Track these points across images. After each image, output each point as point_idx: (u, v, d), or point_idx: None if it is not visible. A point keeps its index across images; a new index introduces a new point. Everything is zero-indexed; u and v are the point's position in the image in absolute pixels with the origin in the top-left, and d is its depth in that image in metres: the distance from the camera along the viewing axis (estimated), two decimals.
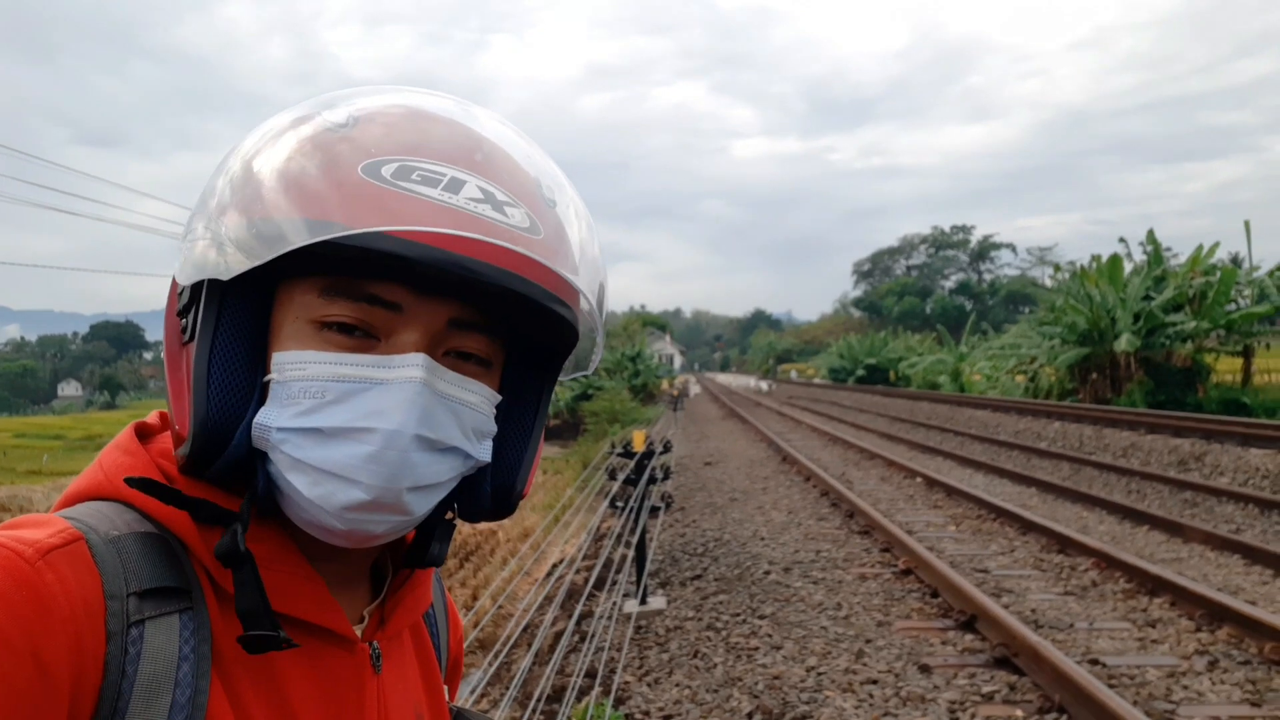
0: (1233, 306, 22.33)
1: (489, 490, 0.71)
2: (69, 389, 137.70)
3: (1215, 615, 5.62)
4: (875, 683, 4.88)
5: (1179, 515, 9.32)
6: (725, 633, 5.84)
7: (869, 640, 5.58)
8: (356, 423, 0.60)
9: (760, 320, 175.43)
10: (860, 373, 53.15)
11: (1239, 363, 22.49)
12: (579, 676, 4.59)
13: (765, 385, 60.50)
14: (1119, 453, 14.10)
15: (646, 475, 7.26)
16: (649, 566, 6.91)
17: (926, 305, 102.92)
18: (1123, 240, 28.13)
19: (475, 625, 7.32)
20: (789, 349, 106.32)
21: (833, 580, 7.07)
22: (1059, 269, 31.52)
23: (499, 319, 0.66)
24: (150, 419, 0.72)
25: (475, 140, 0.66)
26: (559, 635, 6.06)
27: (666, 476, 8.66)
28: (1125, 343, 21.85)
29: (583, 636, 5.87)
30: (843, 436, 19.09)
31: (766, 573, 7.34)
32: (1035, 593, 6.55)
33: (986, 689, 4.71)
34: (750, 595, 6.69)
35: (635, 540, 6.69)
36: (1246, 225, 23.38)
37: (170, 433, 0.67)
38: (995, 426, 19.50)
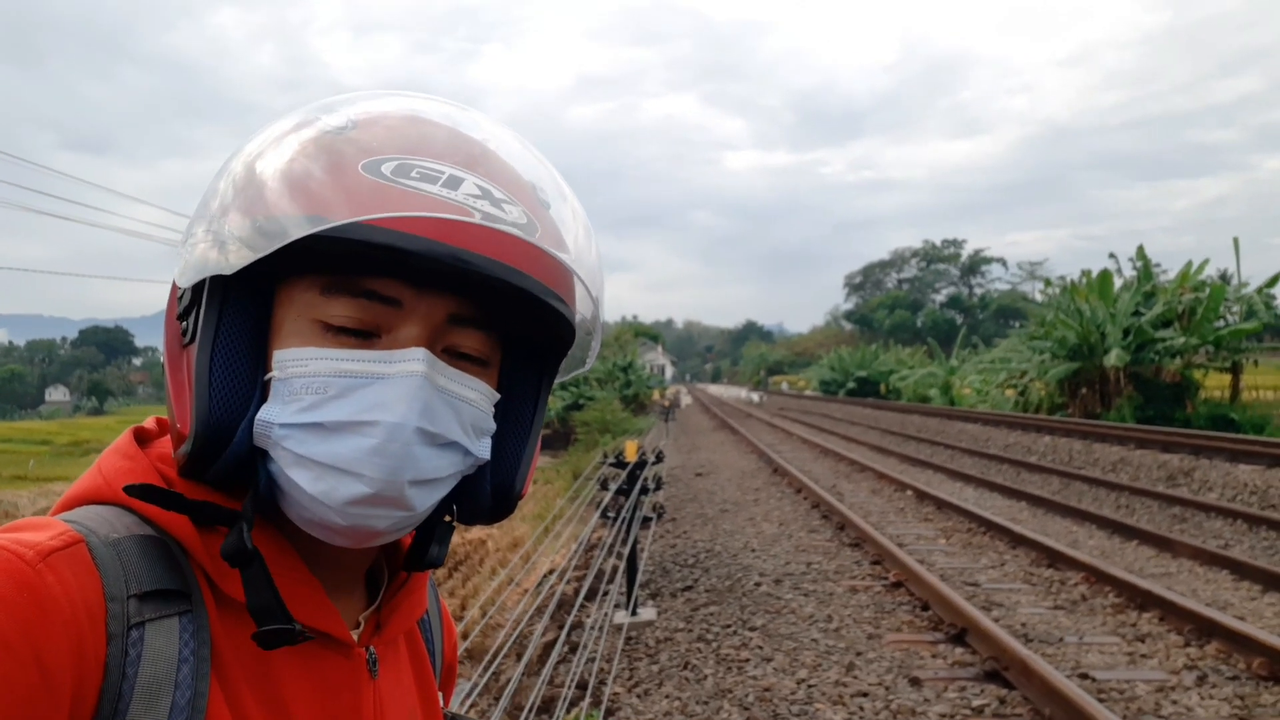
0: (1221, 323, 22.51)
1: (489, 489, 0.72)
2: (57, 394, 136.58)
3: (1204, 630, 5.64)
4: (866, 695, 4.87)
5: (1168, 530, 9.35)
6: (716, 644, 5.82)
7: (859, 653, 5.57)
8: (359, 416, 0.60)
9: (752, 332, 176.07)
10: (851, 385, 53.30)
11: (1227, 379, 22.64)
12: (569, 688, 4.57)
13: (756, 397, 60.48)
14: (1108, 467, 14.15)
15: (639, 486, 7.25)
16: (640, 577, 6.89)
17: (917, 318, 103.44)
18: (1113, 256, 28.45)
19: (465, 636, 7.29)
20: (780, 361, 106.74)
21: (823, 592, 7.06)
22: (1050, 284, 31.76)
23: (497, 316, 0.67)
24: (148, 424, 0.72)
25: (475, 142, 0.67)
26: (549, 646, 6.04)
27: (658, 487, 8.66)
28: (1115, 358, 21.99)
29: (573, 647, 5.85)
30: (834, 449, 19.10)
31: (757, 584, 7.33)
32: (1025, 606, 6.56)
33: (977, 702, 4.71)
34: (741, 607, 6.68)
35: (626, 551, 6.67)
36: (1235, 242, 23.61)
37: (170, 435, 0.67)
38: (986, 440, 19.54)
